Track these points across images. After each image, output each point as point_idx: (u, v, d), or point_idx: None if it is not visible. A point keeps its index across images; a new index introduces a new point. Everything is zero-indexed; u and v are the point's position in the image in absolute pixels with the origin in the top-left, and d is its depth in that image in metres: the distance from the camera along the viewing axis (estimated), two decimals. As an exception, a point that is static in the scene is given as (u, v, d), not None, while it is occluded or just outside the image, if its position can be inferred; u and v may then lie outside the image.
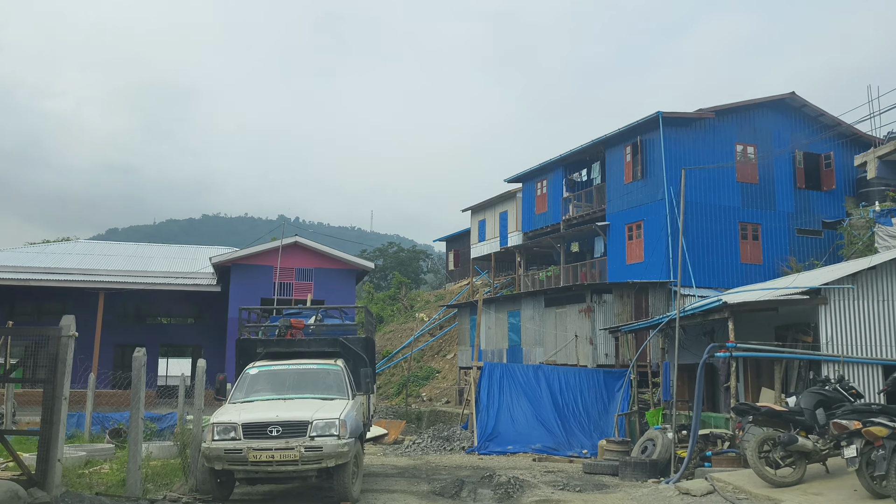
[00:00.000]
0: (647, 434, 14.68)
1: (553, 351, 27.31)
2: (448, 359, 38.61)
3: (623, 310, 26.21)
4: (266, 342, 12.22)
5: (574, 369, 21.84)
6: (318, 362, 11.90)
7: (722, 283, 27.93)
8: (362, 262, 26.62)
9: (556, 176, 35.72)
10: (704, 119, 29.16)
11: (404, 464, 16.36)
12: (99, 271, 27.42)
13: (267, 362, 11.97)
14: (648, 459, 13.43)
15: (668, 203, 28.11)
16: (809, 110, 31.05)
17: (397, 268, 67.63)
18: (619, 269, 30.39)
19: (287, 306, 15.67)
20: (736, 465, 12.42)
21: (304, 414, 10.19)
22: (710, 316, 14.55)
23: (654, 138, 29.10)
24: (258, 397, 11.25)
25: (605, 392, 20.63)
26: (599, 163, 33.32)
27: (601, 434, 19.79)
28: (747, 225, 29.39)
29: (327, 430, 10.06)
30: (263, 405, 10.81)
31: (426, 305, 49.01)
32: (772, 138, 30.39)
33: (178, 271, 27.42)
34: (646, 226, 29.37)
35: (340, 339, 12.35)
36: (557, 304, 27.51)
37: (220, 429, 10.04)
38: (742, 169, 29.64)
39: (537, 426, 19.62)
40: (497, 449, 18.81)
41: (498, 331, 31.25)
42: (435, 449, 19.50)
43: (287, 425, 10.02)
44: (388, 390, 38.61)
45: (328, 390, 11.44)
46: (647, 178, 29.47)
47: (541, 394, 20.37)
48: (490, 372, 20.75)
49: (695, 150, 29.00)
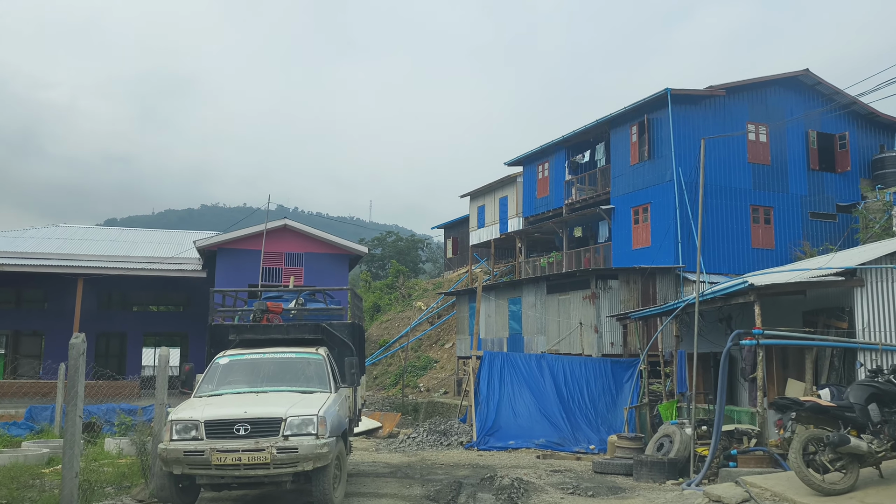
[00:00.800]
0: (662, 429, 13.39)
1: (556, 340, 26.01)
2: (446, 348, 37.40)
3: (629, 296, 24.92)
4: (239, 328, 10.87)
5: (579, 359, 20.54)
6: (298, 351, 10.59)
7: (732, 268, 26.63)
8: (355, 246, 25.29)
9: (558, 158, 34.34)
10: (715, 97, 27.77)
11: (397, 461, 15.08)
12: (79, 256, 26.10)
13: (240, 351, 10.66)
14: (667, 459, 12.13)
15: (677, 184, 26.76)
16: (823, 88, 29.66)
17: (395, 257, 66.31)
18: (624, 254, 29.07)
19: (267, 288, 14.33)
20: (765, 465, 11.15)
21: (276, 409, 8.88)
22: (733, 300, 13.23)
23: (663, 117, 27.73)
24: (228, 390, 9.94)
25: (612, 383, 19.34)
26: (604, 144, 31.94)
27: (609, 428, 18.52)
28: (759, 208, 28.05)
29: (304, 428, 8.76)
30: (232, 399, 9.51)
31: (424, 294, 47.75)
32: (784, 118, 28.99)
33: (163, 257, 26.09)
34: (653, 209, 28.01)
35: (323, 325, 11.02)
36: (560, 291, 26.20)
37: (180, 427, 8.73)
38: (753, 149, 28.28)
39: (540, 420, 18.34)
40: (497, 444, 17.53)
41: (498, 319, 29.95)
42: (431, 444, 18.22)
43: (257, 423, 8.71)
44: (385, 381, 37.43)
45: (308, 382, 10.14)
46: (655, 159, 28.10)
47: (544, 385, 19.07)
48: (490, 361, 19.45)
49: (705, 130, 27.56)
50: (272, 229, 25.29)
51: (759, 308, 12.36)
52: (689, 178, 27.00)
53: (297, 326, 10.86)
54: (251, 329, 10.84)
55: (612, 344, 24.21)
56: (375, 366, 40.26)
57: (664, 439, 13.09)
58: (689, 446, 12.56)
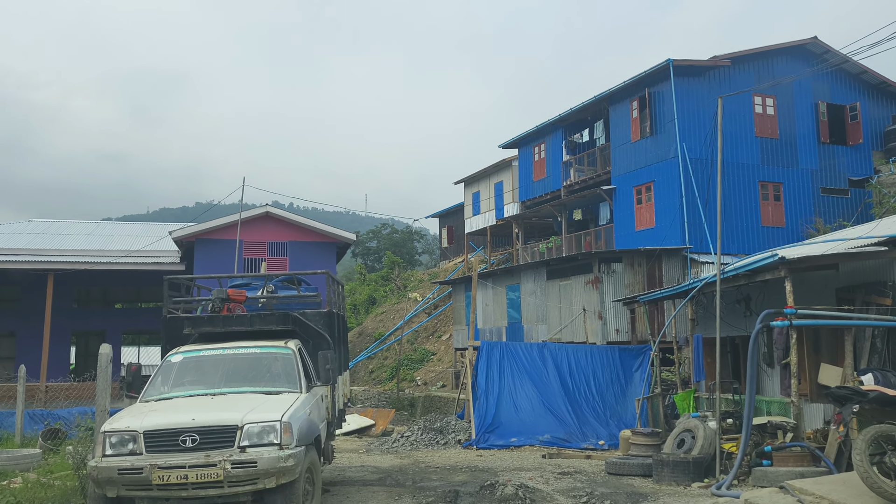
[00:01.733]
0: (682, 423, 11.95)
1: (557, 328, 24.59)
2: (443, 340, 36.02)
3: (634, 280, 23.48)
4: (195, 321, 9.37)
5: (585, 347, 19.10)
6: (263, 345, 9.13)
7: (742, 248, 25.23)
8: (342, 233, 23.77)
9: (554, 138, 32.82)
10: (719, 68, 26.30)
11: (388, 464, 13.64)
12: (50, 251, 24.55)
13: (196, 347, 9.20)
14: (691, 458, 10.68)
15: (681, 161, 25.32)
16: (832, 57, 28.15)
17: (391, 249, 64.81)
18: (627, 236, 27.63)
19: (234, 275, 12.83)
20: (805, 463, 9.72)
21: (231, 416, 7.43)
22: (759, 277, 11.78)
23: (665, 90, 26.25)
24: (179, 393, 8.49)
25: (621, 372, 17.92)
26: (603, 121, 30.47)
27: (619, 421, 17.10)
28: (768, 184, 26.64)
29: (264, 436, 7.31)
30: (183, 404, 8.06)
31: (420, 285, 46.33)
32: (792, 89, 27.54)
33: (140, 250, 24.57)
34: (657, 188, 26.58)
35: (294, 315, 9.55)
36: (561, 276, 24.76)
37: (114, 440, 7.27)
38: (761, 123, 26.84)
39: (545, 414, 16.90)
40: (498, 442, 16.09)
41: (496, 307, 28.51)
42: (426, 443, 16.79)
43: (207, 432, 7.26)
44: (381, 375, 36.08)
45: (274, 381, 8.69)
46: (658, 135, 26.64)
47: (547, 376, 17.64)
48: (488, 352, 18.00)
49: (710, 103, 26.10)
50: (254, 217, 23.80)
51: (791, 284, 10.91)
52: (694, 154, 25.56)
53: (262, 317, 9.36)
54: (209, 321, 9.33)
55: (617, 331, 22.80)
56: (371, 360, 38.90)
57: (685, 434, 11.65)
58: (714, 442, 11.13)
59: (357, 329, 44.70)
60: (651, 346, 18.07)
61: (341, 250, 26.28)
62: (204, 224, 23.01)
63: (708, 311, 14.61)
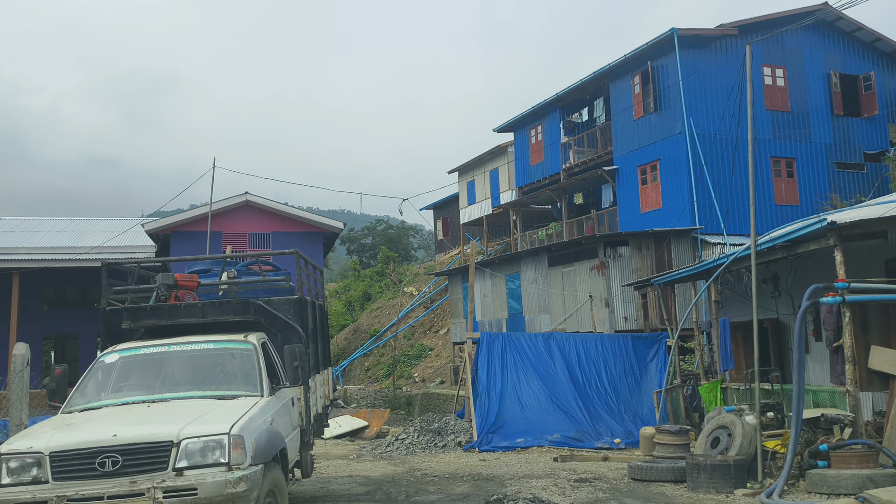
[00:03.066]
0: (715, 419, 10.37)
1: (561, 318, 23.06)
2: (441, 334, 34.51)
3: (642, 264, 21.97)
4: (135, 312, 7.76)
5: (595, 336, 17.54)
6: (217, 340, 7.53)
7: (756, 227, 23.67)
8: (329, 221, 22.14)
9: (552, 119, 31.21)
10: (726, 37, 24.73)
11: (380, 473, 12.06)
12: (16, 249, 22.88)
13: (135, 344, 7.61)
14: (732, 459, 9.11)
15: (688, 137, 23.75)
16: (844, 25, 26.64)
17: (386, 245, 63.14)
18: (632, 218, 26.07)
19: (185, 258, 11.19)
20: (870, 464, 8.17)
21: (164, 428, 5.85)
22: (802, 248, 10.21)
23: (669, 63, 24.67)
24: (110, 401, 6.91)
25: (635, 362, 16.37)
26: (603, 99, 28.84)
27: (634, 416, 15.56)
28: (780, 160, 25.10)
29: (208, 454, 5.74)
30: (109, 415, 6.48)
31: (415, 279, 44.74)
32: (803, 59, 25.99)
33: (114, 246, 22.93)
34: (662, 166, 25.01)
35: (256, 303, 7.95)
36: (564, 263, 23.23)
37: (14, 464, 5.66)
38: (771, 95, 25.29)
39: (553, 410, 15.33)
40: (503, 443, 14.51)
41: (495, 298, 26.96)
42: (423, 446, 15.20)
43: (132, 451, 5.68)
44: (378, 372, 34.58)
45: (229, 383, 7.11)
46: (662, 111, 25.07)
47: (555, 368, 16.06)
48: (489, 344, 16.41)
49: (716, 75, 24.57)
50: (233, 207, 22.15)
51: (842, 254, 9.34)
52: (702, 130, 24.00)
53: (217, 306, 7.73)
54: (152, 312, 7.70)
55: (625, 318, 21.29)
56: (367, 357, 37.39)
57: (719, 432, 10.08)
58: (754, 440, 9.57)
59: (352, 326, 43.20)
60: (668, 334, 16.55)
61: (329, 241, 24.67)
62: (179, 215, 21.38)
63: (735, 292, 13.06)
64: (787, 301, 13.56)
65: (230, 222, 21.69)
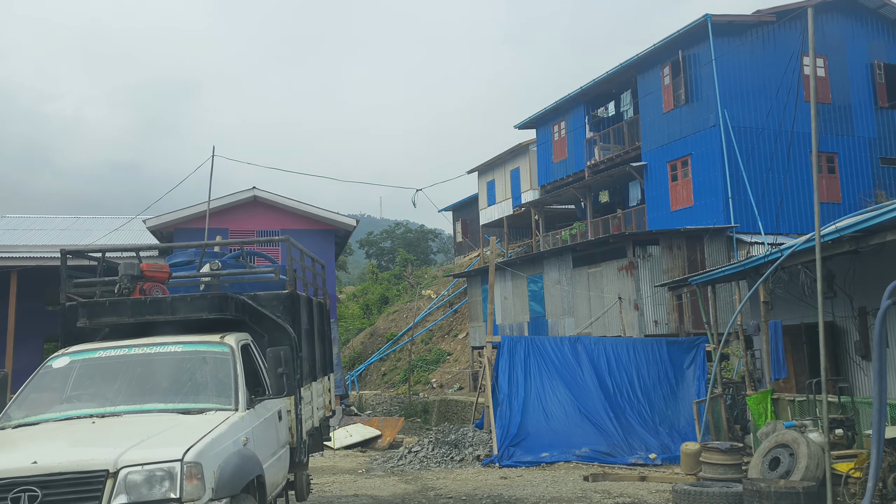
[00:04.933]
0: (773, 435, 9.02)
1: (587, 321, 21.69)
2: (460, 339, 33.23)
3: (673, 264, 20.57)
4: (91, 308, 6.54)
5: (626, 340, 16.19)
6: (187, 341, 6.31)
7: (794, 226, 22.30)
8: (340, 218, 20.88)
9: (576, 114, 29.85)
10: (763, 24, 23.31)
11: (389, 492, 10.79)
12: (16, 247, 21.88)
13: (90, 346, 6.41)
14: (801, 486, 7.74)
15: (723, 129, 22.38)
16: (889, 12, 25.14)
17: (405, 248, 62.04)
18: (661, 217, 24.69)
19: (161, 244, 9.98)
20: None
21: (97, 454, 4.62)
22: (878, 238, 8.82)
23: (702, 51, 23.30)
24: (52, 415, 5.71)
25: (670, 369, 14.99)
26: (630, 92, 27.49)
27: (670, 428, 14.18)
28: (821, 154, 23.59)
29: (154, 486, 4.51)
30: (43, 434, 5.29)
31: (433, 282, 43.52)
32: (845, 48, 24.50)
33: (118, 244, 21.88)
34: (694, 161, 23.63)
35: (237, 298, 6.73)
36: (590, 263, 21.87)
37: None
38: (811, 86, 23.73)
39: (581, 422, 13.98)
40: (526, 458, 13.19)
41: (516, 301, 25.63)
42: (438, 459, 13.91)
43: (55, 484, 4.45)
44: (394, 378, 33.41)
45: (198, 394, 5.88)
46: (694, 102, 23.69)
47: (583, 375, 14.72)
48: (511, 349, 15.10)
49: (752, 65, 23.20)
50: (240, 203, 20.98)
51: None
52: (737, 122, 22.59)
53: (189, 301, 6.44)
54: (112, 308, 6.47)
55: (655, 322, 19.91)
56: (383, 362, 36.21)
57: (779, 451, 8.71)
58: (821, 462, 8.20)
59: (369, 329, 42.09)
60: (706, 338, 15.16)
61: (341, 240, 23.45)
62: (182, 211, 20.21)
63: (789, 292, 11.67)
64: (845, 302, 12.15)
65: (237, 219, 20.54)
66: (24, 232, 24.18)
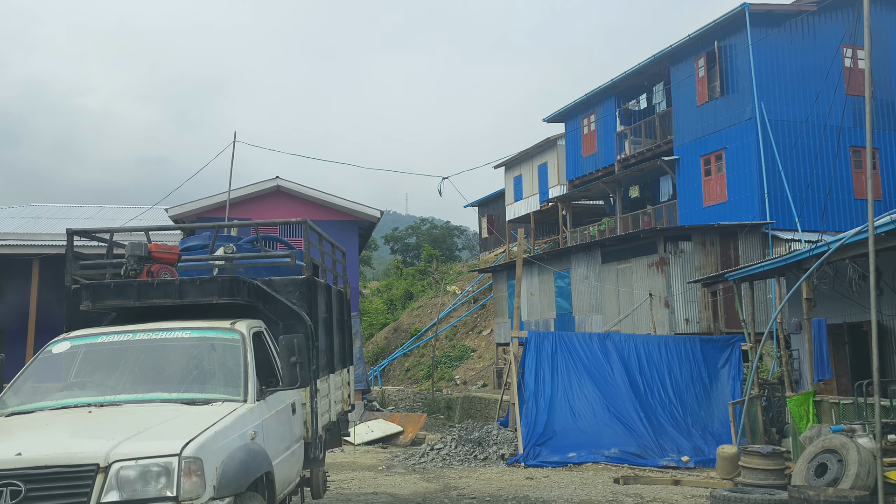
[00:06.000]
0: (818, 440, 8.45)
1: (615, 318, 21.12)
2: (484, 335, 32.78)
3: (706, 261, 19.94)
4: (95, 290, 6.14)
5: (657, 338, 15.62)
6: (196, 327, 5.91)
7: (831, 224, 21.47)
8: (364, 209, 20.47)
9: (606, 107, 29.20)
10: (803, 14, 22.49)
11: (409, 491, 10.37)
12: (39, 236, 21.73)
13: (93, 331, 6.03)
14: (854, 496, 7.19)
15: (759, 123, 21.64)
16: (934, 1, 24.18)
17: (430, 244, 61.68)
18: (693, 213, 24.00)
19: (165, 225, 9.62)
20: None
21: (88, 447, 4.22)
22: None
23: (738, 42, 22.57)
24: (49, 402, 5.34)
25: (703, 369, 14.40)
26: (663, 84, 26.79)
27: (703, 430, 13.61)
28: (861, 150, 22.79)
29: (149, 483, 4.10)
30: (35, 423, 4.92)
31: (458, 277, 43.10)
32: (888, 40, 23.66)
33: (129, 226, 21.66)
34: (728, 156, 22.91)
35: (249, 282, 6.33)
36: (619, 259, 21.28)
37: None
38: (852, 79, 22.96)
39: (610, 421, 13.45)
40: (552, 458, 12.69)
41: (543, 297, 25.10)
42: (462, 458, 13.46)
43: (40, 478, 4.07)
44: (418, 373, 33.07)
45: (204, 384, 5.48)
46: (729, 95, 22.96)
47: (612, 373, 14.18)
48: (538, 345, 14.59)
49: (792, 56, 22.42)
50: (263, 193, 20.68)
51: None
52: (774, 116, 21.85)
53: (199, 284, 6.02)
54: (117, 290, 6.07)
55: (686, 321, 19.30)
56: (407, 357, 35.88)
57: (826, 457, 8.14)
58: (872, 469, 7.62)
59: (393, 325, 41.79)
60: (742, 337, 14.54)
61: (365, 232, 23.06)
62: (204, 200, 19.98)
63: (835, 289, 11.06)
64: (892, 300, 11.53)
65: (260, 209, 20.23)
66: (48, 220, 24.07)
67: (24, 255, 20.27)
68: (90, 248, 20.37)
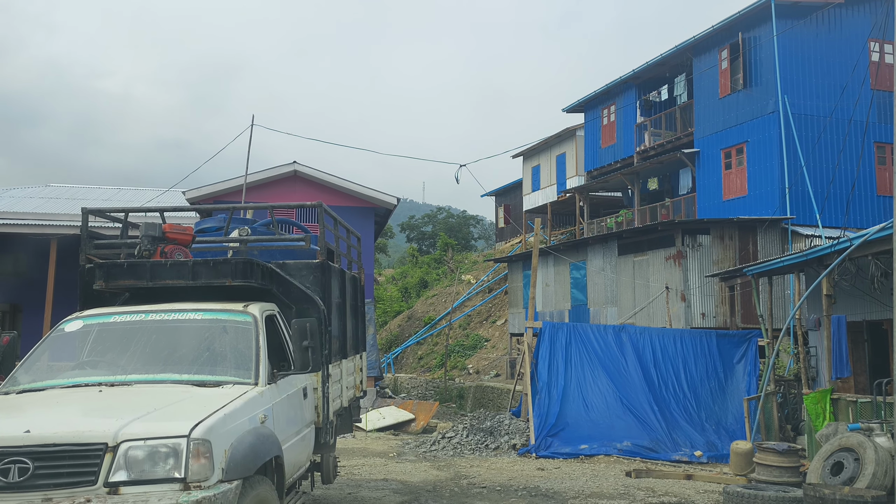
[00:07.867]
0: (835, 438, 8.33)
1: (630, 311, 20.99)
2: (498, 325, 32.71)
3: (724, 255, 19.74)
4: (108, 269, 6.13)
5: (673, 331, 15.48)
6: (208, 308, 5.89)
7: (853, 220, 21.17)
8: (381, 196, 20.41)
9: (627, 98, 28.94)
10: (829, 7, 22.14)
11: (420, 478, 10.34)
12: (57, 216, 21.86)
13: (105, 310, 6.03)
14: (870, 496, 7.08)
15: (782, 116, 21.36)
16: (965, -4, 23.67)
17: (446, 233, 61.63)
18: (713, 206, 23.77)
19: (177, 207, 9.58)
20: None
21: (96, 426, 4.21)
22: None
23: (763, 34, 22.26)
24: (61, 381, 5.34)
25: (719, 364, 14.26)
26: (684, 75, 26.49)
27: (717, 425, 13.49)
28: (885, 146, 22.49)
29: (156, 464, 4.08)
30: (45, 401, 4.93)
31: (473, 267, 43.03)
32: (915, 33, 23.19)
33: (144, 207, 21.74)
34: (750, 149, 22.64)
35: (263, 265, 6.30)
36: (636, 251, 21.12)
37: None
38: (878, 73, 22.57)
39: (623, 414, 13.36)
40: (564, 449, 12.63)
41: (558, 288, 25.00)
42: (473, 447, 13.43)
43: (48, 456, 4.06)
44: (431, 362, 33.06)
45: (215, 366, 5.46)
46: (752, 88, 22.67)
47: (626, 366, 14.07)
48: (552, 335, 14.51)
49: (817, 49, 22.10)
50: (280, 178, 20.68)
51: None
52: (797, 110, 21.56)
53: (212, 266, 5.99)
54: (130, 270, 6.06)
55: (703, 315, 19.14)
56: (420, 345, 35.88)
57: (842, 455, 8.03)
58: (890, 469, 7.50)
59: (407, 312, 41.82)
60: (759, 332, 14.39)
61: (381, 218, 23.02)
62: (221, 183, 20.00)
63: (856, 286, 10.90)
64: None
65: (277, 194, 20.23)
66: (67, 201, 24.21)
67: (42, 234, 20.43)
68: (108, 229, 20.54)
